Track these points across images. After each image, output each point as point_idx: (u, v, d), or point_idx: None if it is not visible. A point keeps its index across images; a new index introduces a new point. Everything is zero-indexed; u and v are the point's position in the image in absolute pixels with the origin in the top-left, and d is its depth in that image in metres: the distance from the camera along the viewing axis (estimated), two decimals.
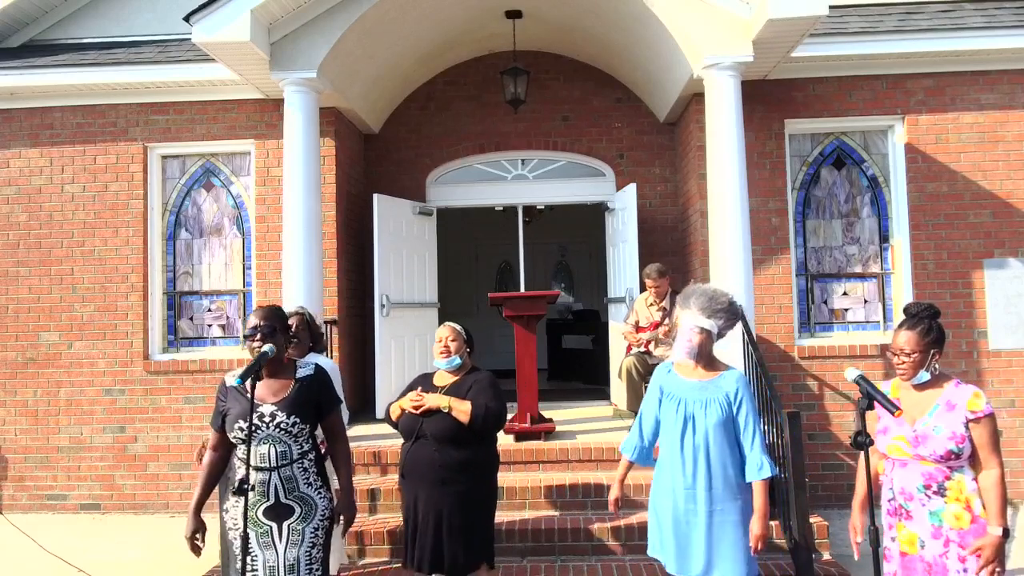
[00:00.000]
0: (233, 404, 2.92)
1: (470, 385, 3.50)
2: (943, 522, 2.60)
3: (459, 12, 6.10)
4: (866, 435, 2.61)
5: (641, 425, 3.13)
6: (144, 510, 6.11)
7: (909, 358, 2.66)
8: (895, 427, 2.73)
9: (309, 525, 2.88)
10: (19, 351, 6.28)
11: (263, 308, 2.98)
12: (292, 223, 5.45)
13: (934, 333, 2.67)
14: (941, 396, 2.67)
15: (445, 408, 3.38)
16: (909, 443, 2.66)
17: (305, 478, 2.90)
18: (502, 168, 7.31)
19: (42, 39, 6.66)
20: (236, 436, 2.86)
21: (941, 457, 2.59)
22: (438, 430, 3.37)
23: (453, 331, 3.58)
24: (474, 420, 3.37)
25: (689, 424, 2.95)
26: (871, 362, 5.90)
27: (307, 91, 5.52)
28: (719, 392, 2.97)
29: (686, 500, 2.94)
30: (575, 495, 4.82)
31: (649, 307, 5.73)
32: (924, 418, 2.67)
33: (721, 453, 2.91)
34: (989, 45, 5.79)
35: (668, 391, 3.06)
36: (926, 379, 2.69)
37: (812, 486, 5.63)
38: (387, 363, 6.43)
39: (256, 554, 2.86)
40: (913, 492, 2.67)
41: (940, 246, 5.97)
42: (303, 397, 2.92)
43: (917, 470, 2.66)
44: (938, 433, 2.61)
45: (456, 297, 11.33)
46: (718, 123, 5.30)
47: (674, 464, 2.97)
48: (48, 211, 6.35)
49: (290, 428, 2.85)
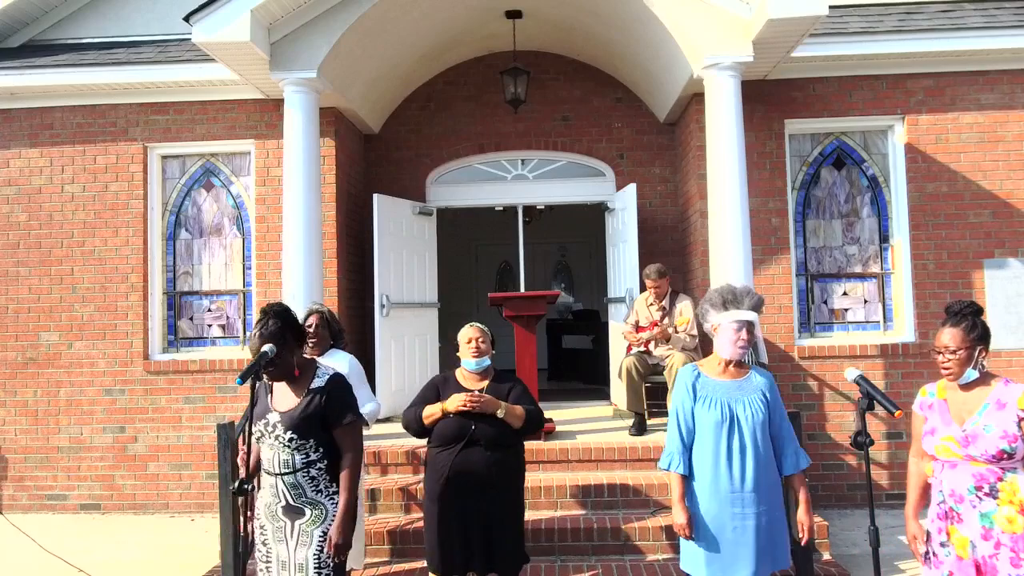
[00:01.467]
0: (260, 401, 2.93)
1: (509, 389, 3.45)
2: (994, 524, 2.52)
3: (459, 12, 6.10)
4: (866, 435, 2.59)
5: (681, 433, 2.98)
6: (144, 510, 6.11)
7: (955, 356, 2.59)
8: (943, 427, 2.64)
9: (319, 528, 2.83)
10: (19, 351, 6.28)
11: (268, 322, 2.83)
12: (292, 223, 5.45)
13: (979, 329, 2.60)
14: (991, 395, 2.60)
15: (501, 414, 3.32)
16: (959, 443, 2.58)
17: (313, 486, 2.85)
18: (502, 168, 7.31)
19: (42, 39, 6.67)
20: (255, 434, 2.89)
21: (993, 457, 2.52)
22: (491, 434, 3.31)
23: (482, 332, 3.49)
24: (527, 425, 3.36)
25: (735, 425, 2.88)
26: (871, 362, 5.90)
27: (307, 91, 5.52)
28: (756, 391, 2.94)
29: (732, 504, 2.84)
30: (575, 495, 4.82)
31: (649, 307, 5.72)
32: (974, 417, 2.59)
33: (766, 450, 2.89)
34: (989, 45, 5.79)
35: (702, 393, 2.96)
36: (974, 377, 2.62)
37: (812, 486, 5.63)
38: (387, 363, 6.43)
39: (271, 547, 2.88)
40: (963, 494, 2.58)
41: (940, 246, 5.98)
42: (306, 413, 2.82)
43: (967, 471, 2.57)
44: (989, 432, 2.53)
45: (456, 297, 11.33)
46: (718, 123, 5.30)
47: (718, 467, 2.87)
48: (48, 211, 6.35)
49: (287, 443, 2.81)
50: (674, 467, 2.97)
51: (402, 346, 6.65)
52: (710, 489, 2.88)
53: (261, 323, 2.84)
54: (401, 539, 4.53)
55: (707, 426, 2.91)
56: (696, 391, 2.98)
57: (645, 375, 5.51)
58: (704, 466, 2.91)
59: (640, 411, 5.49)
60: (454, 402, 3.33)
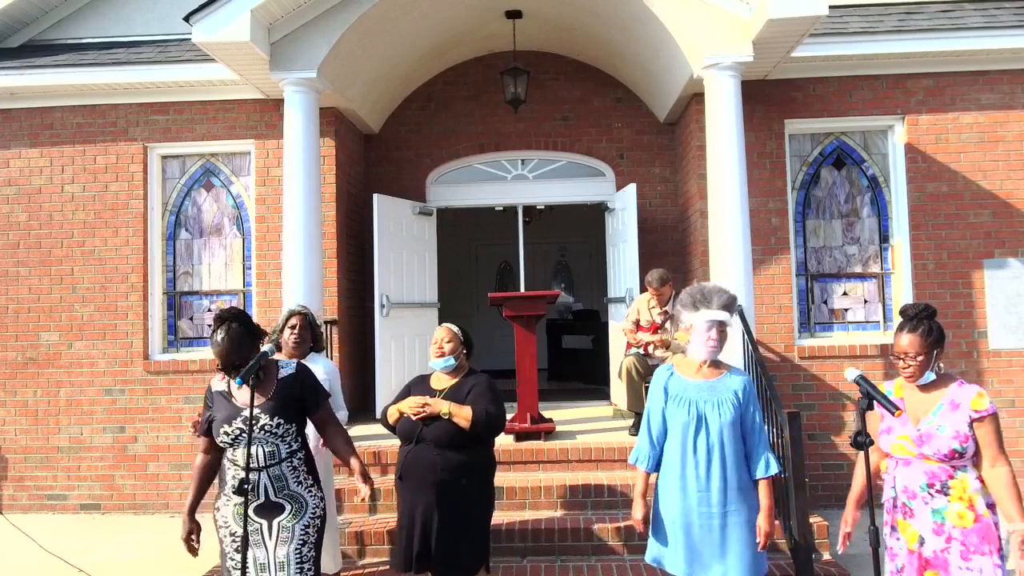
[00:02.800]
0: (219, 408, 2.92)
1: (469, 389, 3.50)
2: (946, 520, 2.61)
3: (459, 12, 6.10)
4: (866, 435, 2.61)
5: (650, 432, 3.05)
6: (144, 510, 6.11)
7: (915, 361, 2.67)
8: (899, 426, 2.74)
9: (299, 523, 2.88)
10: (19, 351, 6.28)
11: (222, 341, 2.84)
12: (292, 223, 5.45)
13: (935, 333, 2.69)
14: (945, 396, 2.68)
15: (446, 415, 3.37)
16: (913, 442, 2.68)
17: (295, 477, 2.91)
18: (502, 168, 7.31)
19: (42, 39, 6.67)
20: (223, 440, 2.86)
21: (945, 456, 2.60)
22: (438, 434, 3.37)
23: (449, 332, 3.58)
24: (475, 426, 3.37)
25: (702, 424, 2.91)
26: (871, 362, 5.90)
27: (307, 91, 5.52)
28: (728, 392, 2.95)
29: (699, 503, 2.88)
30: (575, 495, 4.82)
31: (651, 309, 5.71)
32: (928, 417, 2.68)
33: (734, 452, 2.89)
34: (989, 45, 5.79)
35: (674, 393, 3.00)
36: (932, 379, 2.71)
37: (812, 486, 5.63)
38: (387, 363, 6.43)
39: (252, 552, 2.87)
40: (916, 490, 2.67)
41: (940, 246, 5.98)
42: (285, 397, 2.92)
43: (920, 469, 2.67)
44: (942, 432, 2.62)
45: (456, 297, 11.33)
46: (718, 123, 5.29)
47: (685, 466, 2.91)
48: (48, 211, 6.35)
49: (275, 430, 2.86)
50: (640, 463, 3.06)
51: (402, 346, 6.65)
52: (678, 487, 2.93)
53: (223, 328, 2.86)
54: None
55: (676, 426, 2.96)
56: (668, 391, 3.03)
57: (645, 375, 5.50)
58: (672, 465, 2.96)
59: (640, 411, 5.49)
60: (406, 405, 3.46)
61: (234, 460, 2.89)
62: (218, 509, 2.93)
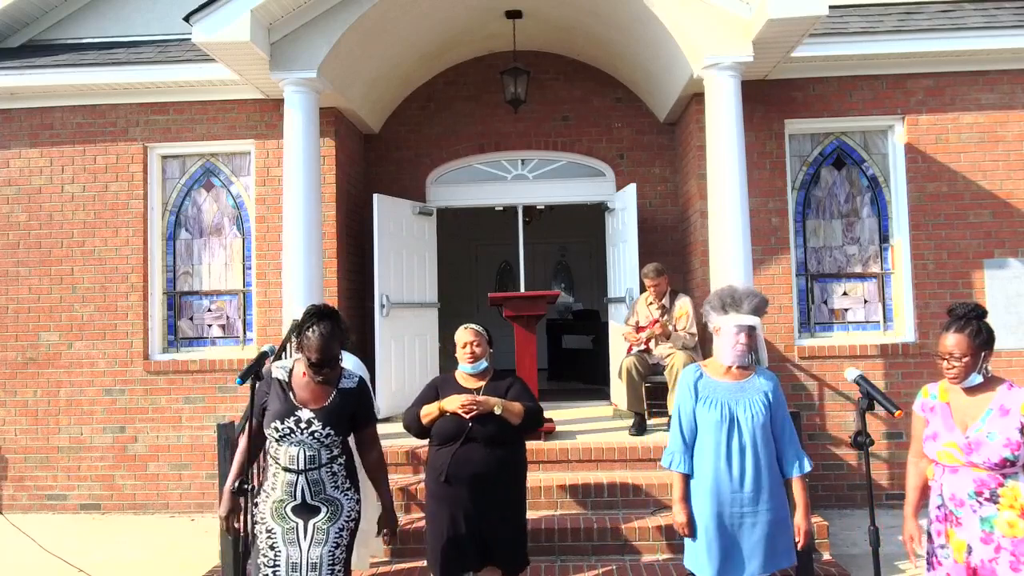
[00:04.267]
0: (273, 399, 2.92)
1: (507, 387, 3.46)
2: (995, 528, 2.53)
3: (459, 12, 6.10)
4: (866, 435, 2.59)
5: (683, 432, 3.01)
6: (144, 510, 6.11)
7: (960, 362, 2.57)
8: (945, 433, 2.63)
9: (335, 525, 2.88)
10: (19, 351, 6.28)
11: (324, 323, 2.84)
12: (292, 223, 5.45)
13: (984, 334, 2.58)
14: (994, 400, 2.58)
15: (498, 411, 3.33)
16: (961, 450, 2.57)
17: (333, 482, 2.91)
18: (502, 168, 7.31)
19: (42, 39, 6.67)
20: (271, 434, 2.87)
21: (995, 465, 2.51)
22: (489, 432, 3.31)
23: (477, 335, 3.49)
24: (526, 421, 3.37)
25: (735, 425, 2.89)
26: (871, 362, 5.90)
27: (307, 91, 5.52)
28: (758, 392, 2.94)
29: (732, 504, 2.87)
30: (575, 495, 4.82)
31: (649, 306, 5.73)
32: (977, 424, 2.57)
33: (767, 452, 2.89)
34: (989, 45, 5.79)
35: (704, 394, 2.98)
36: (978, 382, 2.60)
37: (812, 486, 5.63)
38: (387, 363, 6.43)
39: (280, 550, 2.86)
40: (964, 498, 2.58)
41: (940, 246, 5.97)
42: (341, 409, 2.92)
43: (968, 476, 2.57)
44: (992, 440, 2.52)
45: (456, 297, 11.33)
46: (718, 123, 5.29)
47: (718, 467, 2.89)
48: (48, 211, 6.35)
49: (323, 438, 2.86)
50: (675, 466, 3.00)
51: (402, 346, 6.65)
52: (711, 489, 2.90)
53: (315, 322, 2.84)
54: (401, 539, 4.52)
55: (708, 426, 2.93)
56: (698, 391, 3.00)
57: (645, 375, 5.51)
58: (704, 466, 2.93)
59: (640, 411, 5.49)
60: (452, 403, 3.35)
61: (276, 458, 2.89)
62: (256, 504, 2.94)
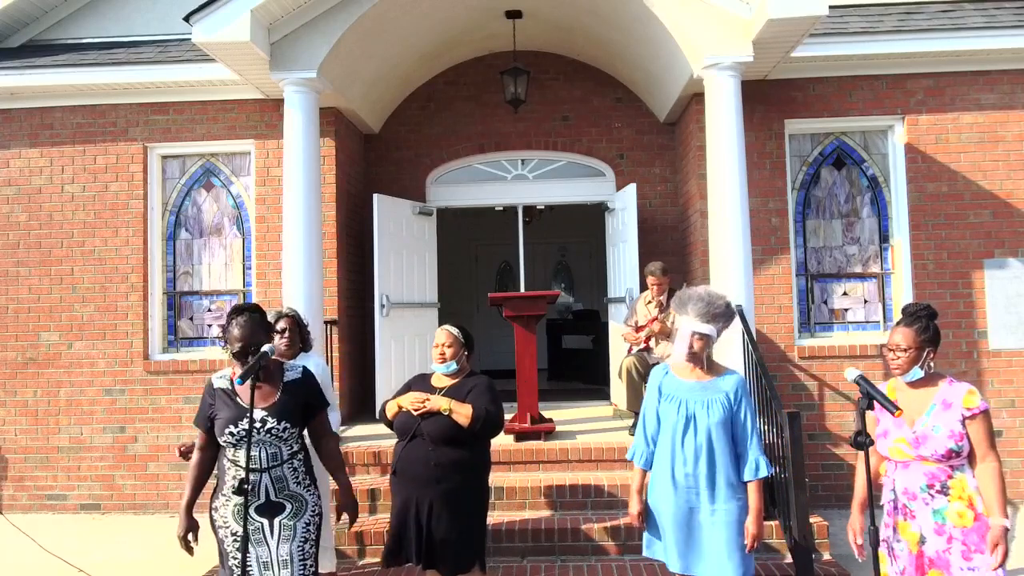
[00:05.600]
0: (221, 407, 2.91)
1: (469, 389, 3.51)
2: (946, 520, 2.64)
3: (459, 12, 6.10)
4: (866, 435, 2.63)
5: (646, 429, 3.14)
6: (144, 510, 6.11)
7: (904, 354, 2.73)
8: (895, 430, 2.76)
9: (300, 520, 2.92)
10: (19, 351, 6.28)
11: (244, 324, 2.90)
12: (292, 223, 5.45)
13: (930, 332, 2.74)
14: (937, 395, 2.73)
15: (446, 411, 3.38)
16: (910, 444, 2.70)
17: (295, 478, 2.94)
18: (502, 168, 7.31)
19: (42, 39, 6.66)
20: (227, 440, 2.86)
21: (942, 456, 2.64)
22: (435, 430, 3.38)
23: (450, 336, 3.57)
24: (474, 423, 3.38)
25: (691, 424, 2.97)
26: (871, 362, 5.90)
27: (307, 91, 5.52)
28: (719, 392, 3.00)
29: (687, 500, 2.95)
30: (575, 495, 4.82)
31: (648, 305, 5.73)
32: (922, 418, 2.71)
33: (722, 452, 2.94)
34: (989, 45, 5.79)
35: (667, 392, 3.08)
36: (919, 376, 2.75)
37: (812, 486, 5.63)
38: (387, 363, 6.43)
39: (249, 551, 2.87)
40: (916, 492, 2.70)
41: (940, 246, 5.97)
42: (292, 401, 2.95)
43: (920, 470, 2.70)
44: (937, 432, 2.65)
45: (456, 297, 11.32)
46: (718, 123, 5.29)
47: (675, 464, 2.98)
48: (48, 211, 6.35)
49: (280, 433, 2.88)
50: (636, 461, 3.14)
51: (402, 346, 6.65)
52: (667, 485, 2.99)
53: (242, 315, 2.92)
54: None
55: (667, 425, 3.04)
56: (662, 390, 3.11)
57: (645, 375, 5.50)
58: (663, 462, 3.03)
59: (640, 411, 5.48)
60: (406, 400, 3.48)
61: (235, 460, 2.88)
62: (216, 509, 2.93)
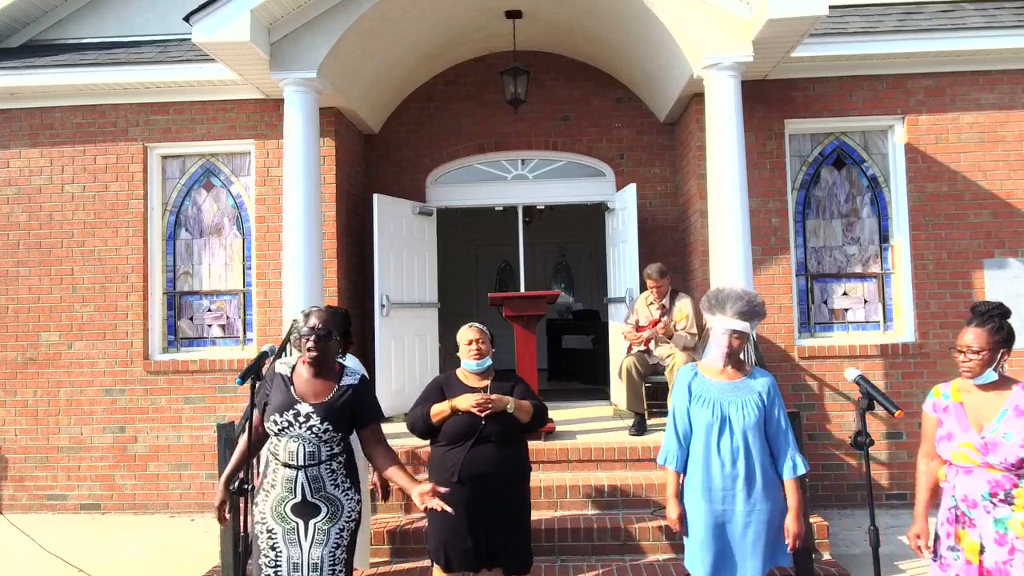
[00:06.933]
0: (276, 393, 2.91)
1: (512, 386, 3.47)
2: (1008, 530, 2.51)
3: (459, 12, 6.10)
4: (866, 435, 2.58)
5: (677, 431, 3.03)
6: (144, 510, 6.11)
7: (977, 356, 2.56)
8: (960, 433, 2.62)
9: (335, 526, 2.87)
10: (19, 351, 6.28)
11: (322, 310, 2.99)
12: (292, 223, 5.44)
13: (1004, 332, 2.57)
14: (1009, 400, 2.57)
15: (511, 409, 3.33)
16: (977, 450, 2.56)
17: (332, 479, 2.89)
18: (502, 168, 7.31)
19: (42, 39, 6.66)
20: (271, 428, 2.87)
21: (1012, 465, 2.50)
22: (501, 430, 3.31)
23: (481, 333, 3.49)
24: (534, 419, 3.39)
25: (726, 425, 2.91)
26: (871, 362, 5.90)
27: (307, 91, 5.52)
28: (752, 392, 2.95)
29: (724, 503, 2.88)
30: (575, 495, 4.82)
31: (649, 306, 5.73)
32: (992, 424, 2.56)
33: (759, 453, 2.89)
34: (989, 45, 5.79)
35: (698, 393, 2.99)
36: (992, 379, 2.59)
37: (812, 486, 5.63)
38: (387, 363, 6.43)
39: (281, 550, 2.85)
40: (977, 499, 2.56)
41: (940, 246, 5.97)
42: (341, 406, 2.90)
43: (983, 477, 2.55)
44: (1008, 440, 2.50)
45: (456, 297, 11.33)
46: (718, 123, 5.29)
47: (710, 467, 2.91)
48: (48, 211, 6.35)
49: (321, 434, 2.85)
50: (669, 463, 3.04)
51: (402, 346, 6.65)
52: (702, 488, 2.92)
53: (313, 310, 2.97)
54: (402, 539, 4.53)
55: (700, 426, 2.95)
56: (692, 391, 3.02)
57: (645, 375, 5.51)
58: (697, 465, 2.96)
59: (640, 411, 5.49)
60: (465, 401, 3.31)
61: (275, 453, 2.88)
62: (256, 504, 2.93)
